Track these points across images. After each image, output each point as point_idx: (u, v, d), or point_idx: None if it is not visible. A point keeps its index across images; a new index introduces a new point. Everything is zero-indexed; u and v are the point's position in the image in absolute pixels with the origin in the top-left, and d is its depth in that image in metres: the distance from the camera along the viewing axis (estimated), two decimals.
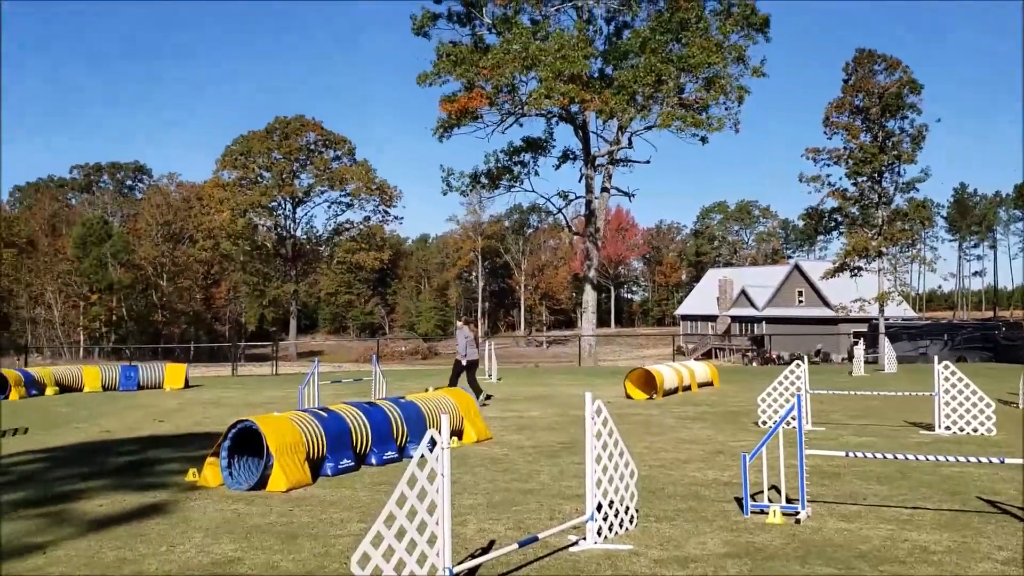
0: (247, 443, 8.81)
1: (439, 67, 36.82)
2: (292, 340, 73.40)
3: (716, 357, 59.26)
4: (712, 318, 71.59)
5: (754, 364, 43.17)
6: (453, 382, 17.24)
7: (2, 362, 44.00)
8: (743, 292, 66.79)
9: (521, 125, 39.70)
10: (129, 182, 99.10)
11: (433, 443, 4.68)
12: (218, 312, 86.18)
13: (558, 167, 40.84)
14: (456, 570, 4.99)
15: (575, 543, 6.14)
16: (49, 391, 22.35)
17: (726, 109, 36.72)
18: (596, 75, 37.33)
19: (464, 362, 17.23)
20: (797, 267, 62.99)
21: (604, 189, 39.57)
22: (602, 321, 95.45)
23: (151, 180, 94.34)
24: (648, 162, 43.68)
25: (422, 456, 4.64)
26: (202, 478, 8.77)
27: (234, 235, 71.21)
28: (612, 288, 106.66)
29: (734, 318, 68.19)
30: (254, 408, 16.88)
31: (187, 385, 24.45)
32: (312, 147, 74.16)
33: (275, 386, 24.64)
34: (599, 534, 6.16)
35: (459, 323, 18.27)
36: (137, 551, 6.17)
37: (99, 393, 22.81)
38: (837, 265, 41.82)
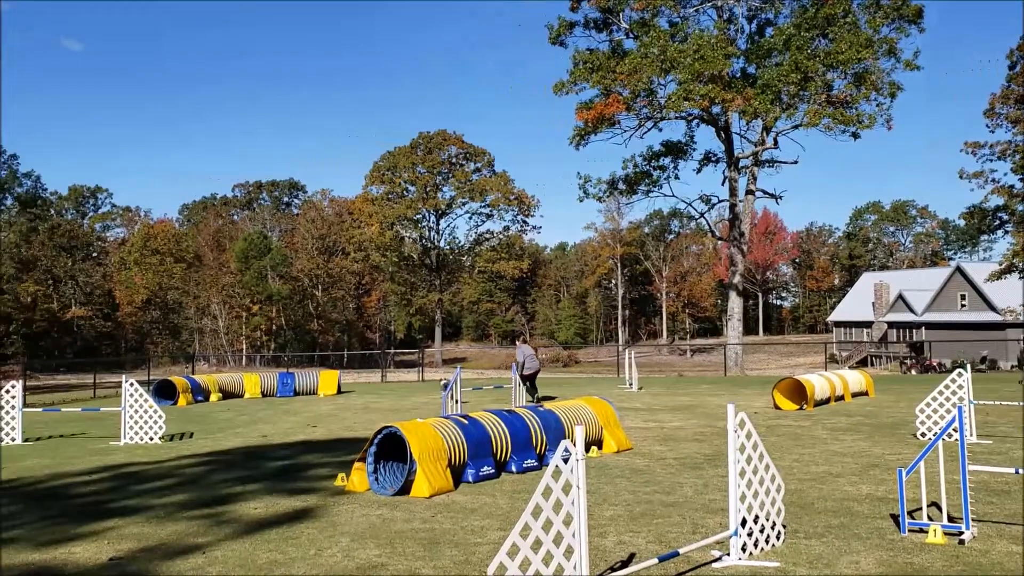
0: (392, 449, 9.06)
1: (575, 75, 36.85)
2: (437, 347, 75.21)
3: (872, 365, 56.33)
4: (867, 324, 68.11)
5: (913, 372, 40.75)
6: (532, 391, 18.34)
7: (172, 370, 47.30)
8: (900, 296, 63.20)
9: (660, 129, 39.22)
10: (286, 199, 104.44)
11: (568, 454, 4.64)
12: (369, 321, 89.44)
13: (699, 170, 40.01)
14: None
15: (718, 559, 5.95)
16: (213, 397, 23.80)
17: (877, 105, 34.91)
18: (738, 75, 36.35)
19: (526, 374, 18.28)
20: (959, 269, 59.00)
21: (749, 192, 38.42)
22: (749, 329, 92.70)
23: (305, 196, 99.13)
24: (795, 162, 42.05)
25: (556, 467, 4.60)
26: (350, 483, 9.07)
27: (382, 247, 73.78)
28: (760, 294, 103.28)
29: (891, 324, 64.63)
30: (401, 414, 17.38)
31: (339, 391, 25.46)
32: (454, 160, 75.89)
33: (421, 392, 25.28)
34: (743, 550, 5.94)
35: (518, 341, 20.56)
36: (287, 554, 6.44)
37: (258, 399, 24.10)
38: (1004, 267, 38.88)
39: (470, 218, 78.90)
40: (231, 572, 5.95)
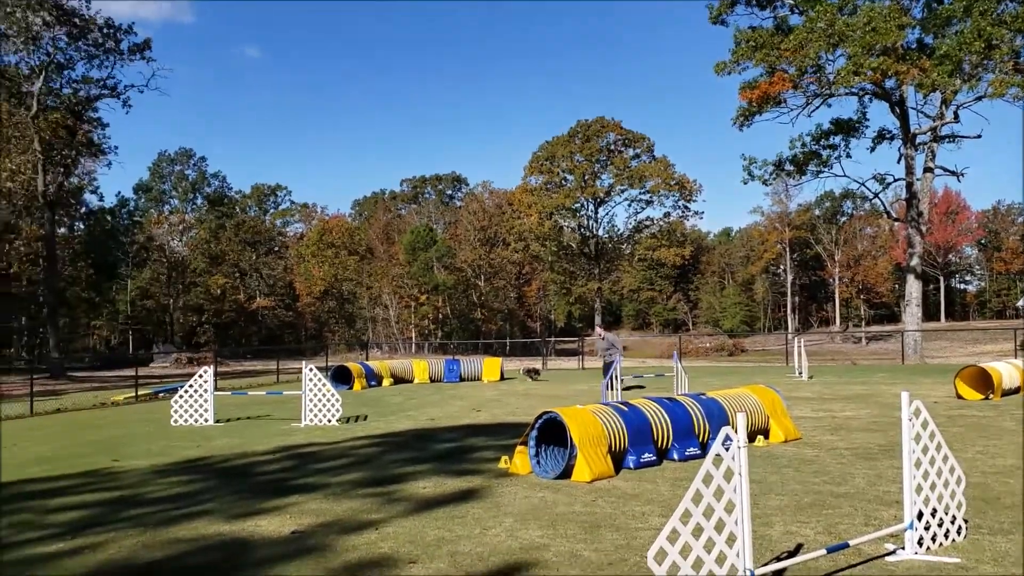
0: (553, 434, 9.19)
1: (738, 54, 35.73)
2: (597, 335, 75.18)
3: None
4: None
5: None
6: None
7: (348, 356, 49.82)
8: None
9: (829, 106, 37.39)
10: (449, 192, 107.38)
11: (729, 441, 4.56)
12: (530, 309, 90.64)
13: (873, 148, 37.93)
14: (758, 572, 4.82)
15: (892, 552, 5.67)
16: (385, 383, 24.92)
17: None
18: (913, 45, 34.08)
19: (609, 361, 18.04)
20: None
21: (927, 169, 36.00)
22: (929, 314, 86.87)
23: (467, 189, 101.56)
24: (979, 136, 38.96)
25: (717, 454, 4.54)
26: (513, 465, 9.28)
27: (541, 237, 74.40)
28: (941, 278, 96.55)
29: None
30: (561, 400, 17.56)
31: (502, 377, 26.03)
32: (612, 147, 75.29)
33: (581, 380, 25.41)
34: (919, 544, 5.63)
35: (599, 328, 20.36)
36: (454, 532, 6.69)
37: (427, 384, 25.02)
38: None
39: (629, 205, 78.02)
40: (401, 547, 6.24)
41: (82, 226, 62.63)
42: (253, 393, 20.33)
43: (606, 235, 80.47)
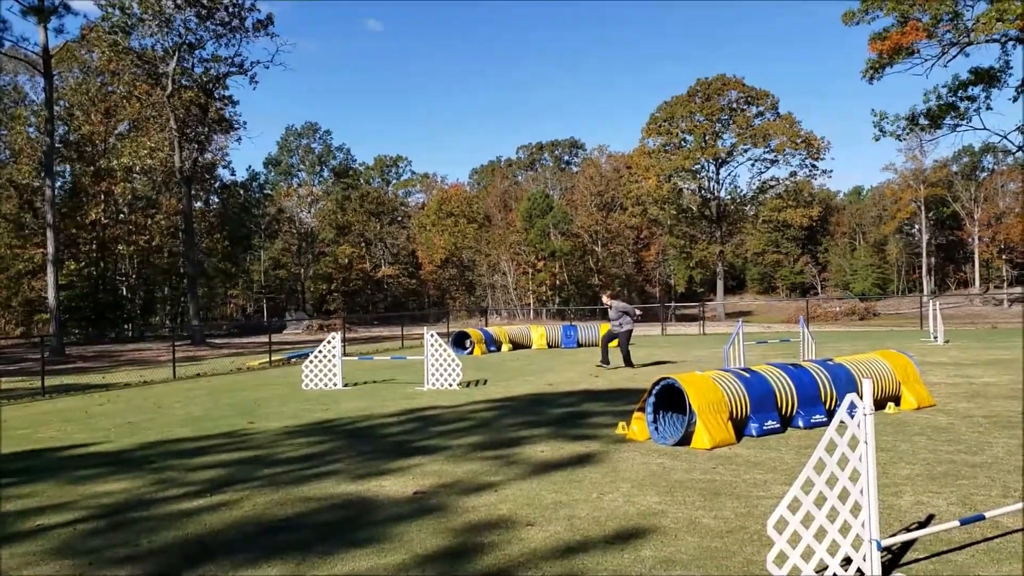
0: (671, 400, 9.10)
1: (868, 3, 33.90)
2: (719, 300, 73.66)
3: None
4: None
5: None
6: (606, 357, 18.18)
7: (468, 323, 50.68)
8: None
9: (967, 55, 35.08)
10: (566, 157, 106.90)
11: (853, 408, 4.40)
12: (648, 275, 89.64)
13: (1016, 98, 35.34)
14: (886, 543, 4.65)
15: None
16: (504, 348, 25.25)
17: None
18: None
19: (617, 332, 18.05)
20: None
21: None
22: None
23: (584, 154, 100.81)
24: None
25: (841, 422, 4.39)
26: (630, 431, 9.26)
27: (660, 200, 73.25)
28: None
29: None
30: (680, 367, 17.35)
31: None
32: (734, 106, 73.10)
33: (702, 345, 25.02)
34: None
35: (606, 297, 18.94)
36: (571, 495, 6.74)
37: (544, 350, 25.20)
38: None
39: (752, 165, 75.81)
40: (519, 509, 6.35)
41: (217, 200, 65.76)
42: (379, 358, 20.98)
43: (728, 197, 78.49)
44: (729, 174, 78.38)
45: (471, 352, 24.02)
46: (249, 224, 70.24)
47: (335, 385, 16.07)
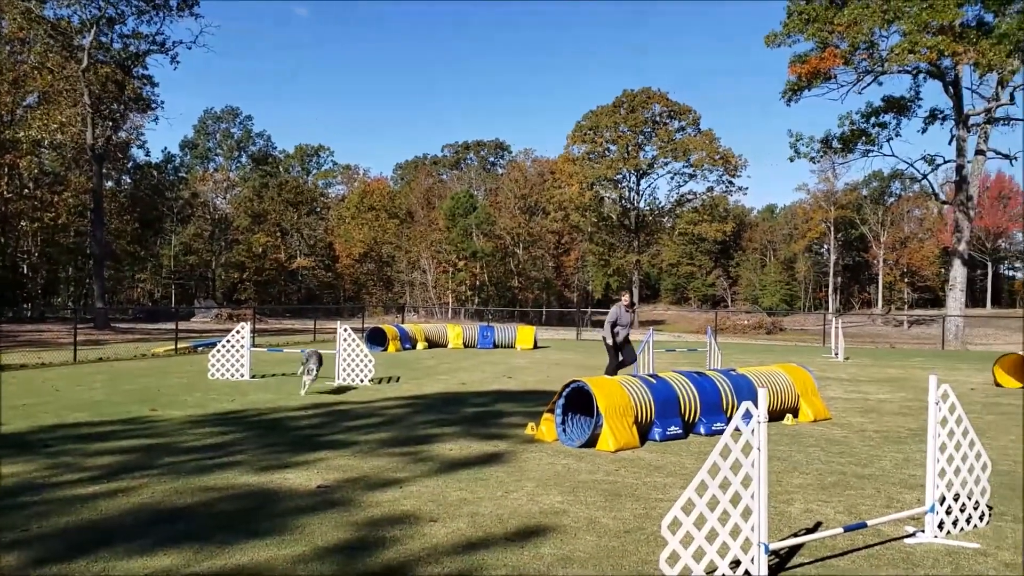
0: (580, 402, 9.24)
1: (789, 26, 35.02)
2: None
3: None
4: None
5: None
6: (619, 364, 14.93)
7: (384, 319, 50.29)
8: None
9: (880, 84, 36.60)
10: (492, 159, 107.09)
11: (749, 416, 4.57)
12: (567, 279, 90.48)
13: (924, 129, 37.19)
14: (774, 547, 4.85)
15: (911, 535, 5.66)
16: (420, 346, 25.17)
17: None
18: (972, 24, 33.07)
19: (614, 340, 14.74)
20: None
21: (979, 152, 35.10)
22: (976, 301, 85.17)
23: (510, 156, 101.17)
24: None
25: (736, 428, 4.55)
26: (539, 432, 9.37)
27: (582, 207, 74.09)
28: (989, 264, 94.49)
29: None
30: (592, 370, 17.60)
31: (536, 346, 26.13)
32: (657, 119, 74.52)
33: None
34: (940, 528, 5.61)
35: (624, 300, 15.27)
36: (476, 493, 6.80)
37: (460, 349, 25.22)
38: None
39: (672, 178, 77.42)
40: (423, 506, 6.36)
41: (129, 180, 63.65)
42: (289, 351, 20.63)
43: (647, 208, 79.92)
44: (649, 186, 79.81)
45: (385, 349, 23.86)
46: (161, 207, 68.12)
47: (242, 376, 15.76)
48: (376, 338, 24.48)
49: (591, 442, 8.78)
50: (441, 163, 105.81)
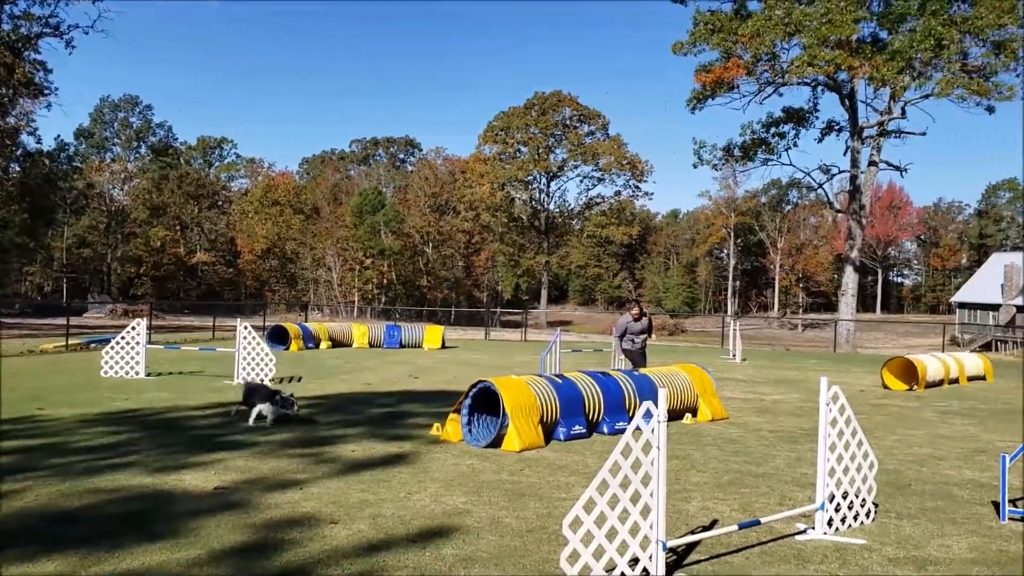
0: (487, 402, 9.25)
1: (695, 36, 35.95)
2: (543, 309, 75.59)
3: (996, 350, 53.45)
4: (994, 307, 64.47)
5: None
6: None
7: (287, 317, 49.28)
8: None
9: (780, 95, 37.95)
10: (401, 155, 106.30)
11: (649, 415, 4.66)
12: (477, 279, 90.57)
13: (821, 139, 38.63)
14: (671, 544, 4.95)
15: (802, 531, 5.88)
16: (323, 345, 24.74)
17: (1017, 75, 32.73)
18: (868, 40, 34.64)
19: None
20: None
21: (872, 163, 36.79)
22: (867, 306, 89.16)
23: (420, 154, 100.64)
24: (924, 134, 39.84)
25: (637, 428, 4.63)
26: (444, 433, 9.34)
27: (493, 207, 74.30)
28: (879, 271, 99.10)
29: (1020, 308, 61.02)
30: (500, 371, 17.65)
31: (444, 346, 26.03)
32: (567, 122, 75.37)
33: (522, 352, 25.57)
34: (829, 525, 5.84)
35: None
36: (379, 495, 6.72)
37: (365, 349, 24.92)
38: None
39: (581, 181, 78.49)
40: (324, 508, 6.26)
41: (18, 168, 60.49)
42: (187, 348, 20.03)
43: (557, 210, 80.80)
44: (559, 188, 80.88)
45: (288, 348, 23.38)
46: (53, 197, 64.96)
47: (137, 374, 15.20)
48: (278, 337, 23.96)
49: (496, 442, 8.80)
50: (349, 158, 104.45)
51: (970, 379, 18.42)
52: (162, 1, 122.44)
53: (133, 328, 15.46)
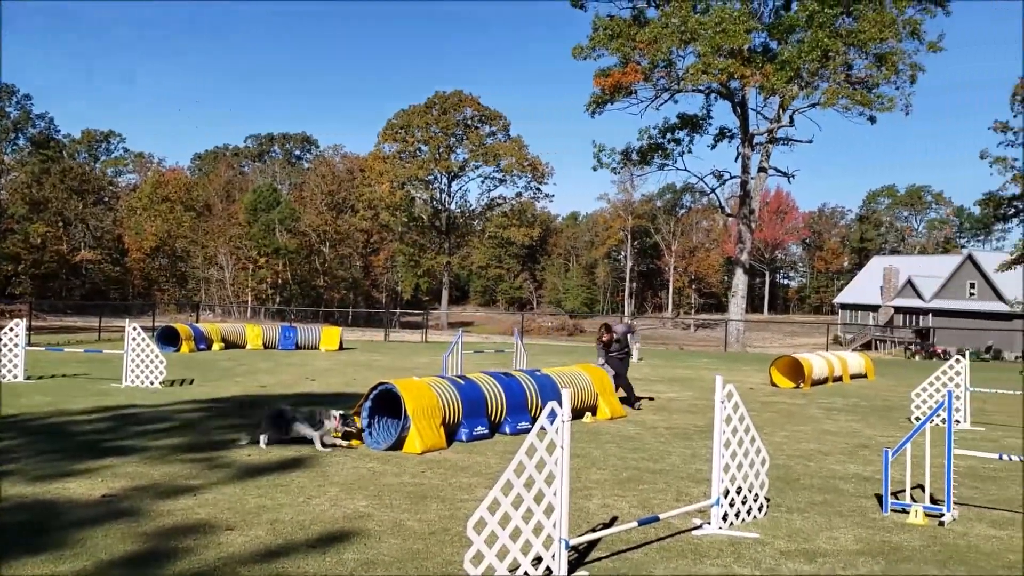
0: (388, 405, 9.15)
1: (595, 40, 36.49)
2: (443, 310, 75.36)
3: (876, 349, 56.33)
4: (874, 308, 67.98)
5: (917, 358, 40.72)
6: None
7: (177, 317, 47.62)
8: (909, 282, 62.96)
9: (676, 101, 38.94)
10: (297, 152, 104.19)
11: (554, 415, 4.69)
12: (376, 280, 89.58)
13: (714, 146, 39.75)
14: (573, 542, 5.01)
15: (699, 527, 6.04)
16: (216, 346, 24.00)
17: (897, 88, 34.57)
18: (759, 50, 35.93)
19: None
20: (970, 257, 58.68)
21: (761, 169, 38.18)
22: (755, 307, 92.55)
23: (318, 151, 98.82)
24: (810, 141, 41.74)
25: (542, 428, 4.66)
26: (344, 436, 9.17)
27: (392, 206, 73.61)
28: (767, 273, 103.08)
29: (898, 309, 64.48)
30: (401, 372, 17.49)
31: (341, 347, 25.62)
32: (469, 122, 75.39)
33: (423, 353, 25.43)
34: (724, 519, 6.02)
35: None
36: (276, 500, 6.56)
37: (260, 350, 24.29)
38: (1015, 256, 38.88)
39: (482, 182, 78.59)
40: (219, 514, 6.06)
41: None
42: (70, 350, 19.12)
43: (458, 210, 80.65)
44: (460, 188, 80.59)
45: (178, 349, 22.58)
46: None
47: (16, 377, 14.40)
48: (168, 338, 23.11)
49: (398, 444, 8.71)
50: (243, 154, 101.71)
51: (853, 377, 19.31)
52: None
53: (11, 329, 14.64)
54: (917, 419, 11.93)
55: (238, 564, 4.95)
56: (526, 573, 4.63)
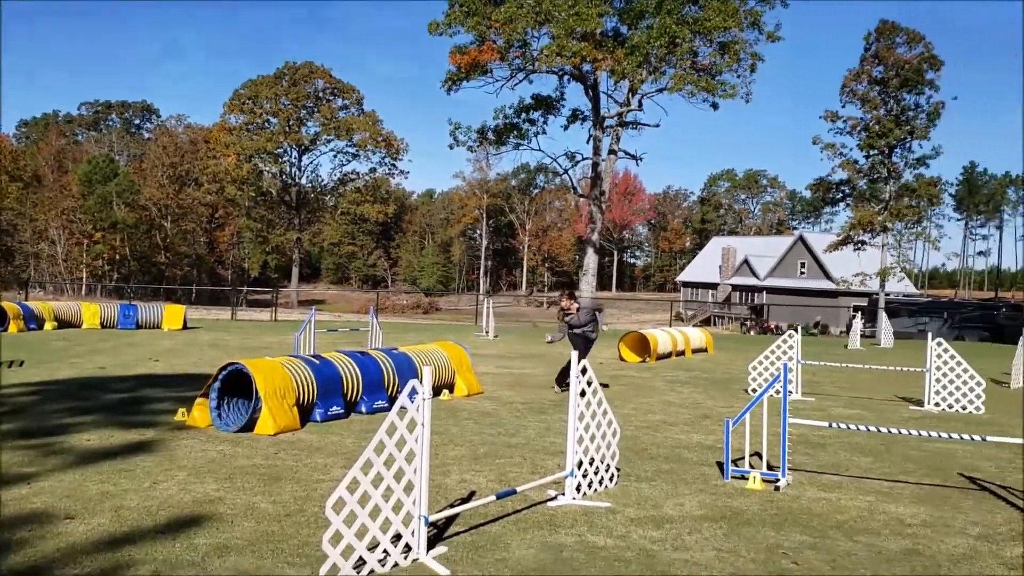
0: (238, 386, 8.86)
1: (451, 17, 36.25)
2: (294, 288, 73.47)
3: (715, 325, 59.33)
4: (713, 286, 71.56)
5: (752, 333, 43.18)
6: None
7: (3, 295, 44.15)
8: (745, 261, 66.66)
9: (531, 82, 39.25)
10: (137, 122, 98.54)
11: (414, 393, 4.69)
12: (221, 256, 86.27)
13: (567, 127, 40.40)
14: (432, 518, 5.04)
15: (554, 498, 6.21)
16: (48, 326, 22.50)
17: (739, 76, 36.26)
18: (610, 34, 36.77)
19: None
20: (801, 238, 62.78)
21: (611, 151, 39.20)
22: (604, 285, 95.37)
23: (159, 121, 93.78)
24: (658, 125, 43.21)
25: (402, 406, 4.65)
26: (191, 418, 8.84)
27: (239, 180, 70.85)
28: (616, 252, 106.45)
29: (735, 287, 68.16)
30: (250, 352, 16.97)
31: (185, 326, 24.56)
32: (320, 95, 73.42)
33: (273, 332, 24.75)
34: (578, 490, 6.22)
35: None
36: (120, 486, 6.25)
37: (97, 330, 22.95)
38: (841, 238, 41.82)
39: (335, 157, 76.83)
40: (58, 503, 5.72)
41: None
42: None
43: (309, 185, 78.57)
44: (311, 163, 78.66)
45: (6, 329, 21.00)
46: None
47: None
48: None
49: (249, 426, 8.47)
50: (77, 122, 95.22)
51: (695, 351, 20.30)
52: None
53: None
54: (754, 391, 12.70)
55: (80, 554, 4.69)
56: (386, 551, 4.63)
